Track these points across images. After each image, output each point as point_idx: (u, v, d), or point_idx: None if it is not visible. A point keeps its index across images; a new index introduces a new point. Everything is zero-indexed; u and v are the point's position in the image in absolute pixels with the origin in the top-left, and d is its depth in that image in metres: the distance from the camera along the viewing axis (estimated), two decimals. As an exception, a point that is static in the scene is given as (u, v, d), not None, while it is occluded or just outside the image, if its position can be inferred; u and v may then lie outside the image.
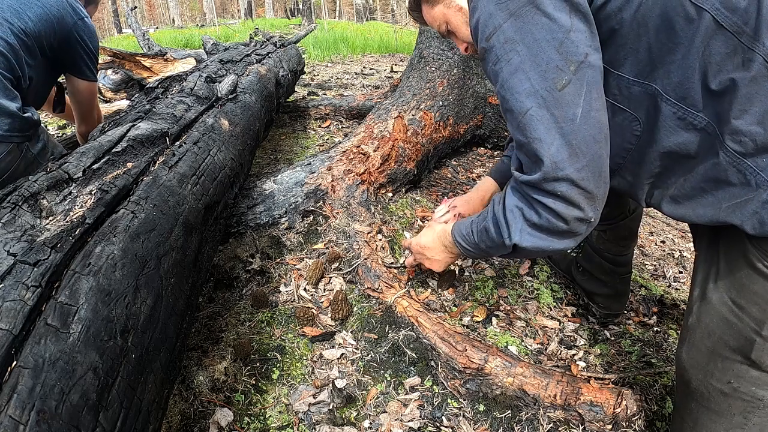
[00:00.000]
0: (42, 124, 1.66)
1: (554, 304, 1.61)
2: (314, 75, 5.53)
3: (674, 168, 0.87)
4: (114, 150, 1.20)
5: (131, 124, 1.37)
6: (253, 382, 1.25)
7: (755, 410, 0.87)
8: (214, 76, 2.05)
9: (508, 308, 1.57)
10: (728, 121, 0.77)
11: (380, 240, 1.76)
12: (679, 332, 1.54)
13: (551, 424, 1.16)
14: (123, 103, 3.25)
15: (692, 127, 0.81)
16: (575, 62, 0.80)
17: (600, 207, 0.90)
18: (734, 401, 0.88)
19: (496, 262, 1.77)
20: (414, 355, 1.32)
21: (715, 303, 0.88)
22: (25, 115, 1.49)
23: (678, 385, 1.00)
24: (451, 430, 1.16)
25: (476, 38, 0.89)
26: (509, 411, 1.19)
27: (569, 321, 1.54)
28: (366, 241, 1.70)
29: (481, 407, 1.21)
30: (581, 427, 1.15)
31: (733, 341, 0.85)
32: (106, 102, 3.70)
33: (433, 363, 1.30)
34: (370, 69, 6.05)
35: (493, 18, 0.84)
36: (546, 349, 1.42)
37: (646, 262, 1.95)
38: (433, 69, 2.65)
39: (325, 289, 1.58)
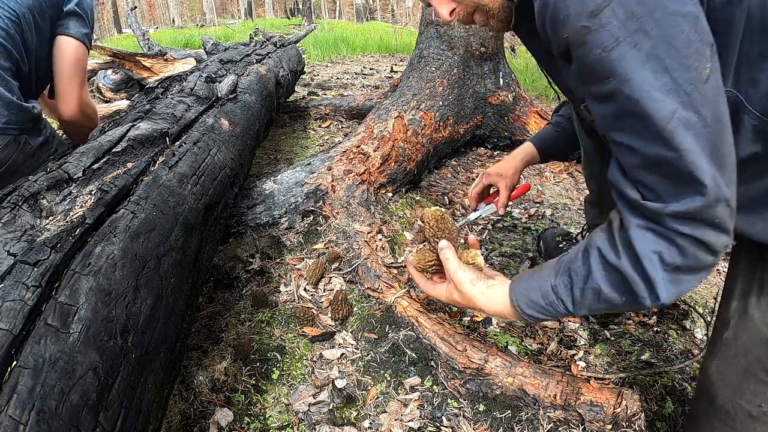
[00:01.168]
0: (46, 119, 1.63)
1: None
2: (314, 75, 5.53)
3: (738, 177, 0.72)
4: (114, 150, 1.20)
5: (131, 124, 1.37)
6: (253, 382, 1.25)
7: None
8: (214, 76, 2.05)
9: (508, 308, 1.57)
10: None
11: (380, 240, 1.76)
12: (678, 332, 1.54)
13: (551, 424, 1.16)
14: (123, 103, 3.25)
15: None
16: (710, 44, 0.62)
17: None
18: (761, 426, 0.83)
19: (496, 262, 1.77)
20: (414, 355, 1.32)
21: (757, 321, 0.81)
22: (26, 105, 1.48)
23: (700, 399, 0.95)
24: (451, 430, 1.16)
25: (560, 16, 0.66)
26: (509, 411, 1.19)
27: (569, 321, 1.54)
28: (366, 241, 1.71)
29: (481, 407, 1.21)
30: (581, 427, 1.15)
31: None
32: (106, 102, 3.70)
33: (433, 363, 1.30)
34: (370, 69, 6.05)
35: None
36: (546, 349, 1.42)
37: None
38: (433, 69, 2.65)
39: (325, 289, 1.58)
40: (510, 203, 1.48)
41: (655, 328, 1.55)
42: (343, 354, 1.35)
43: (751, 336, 0.82)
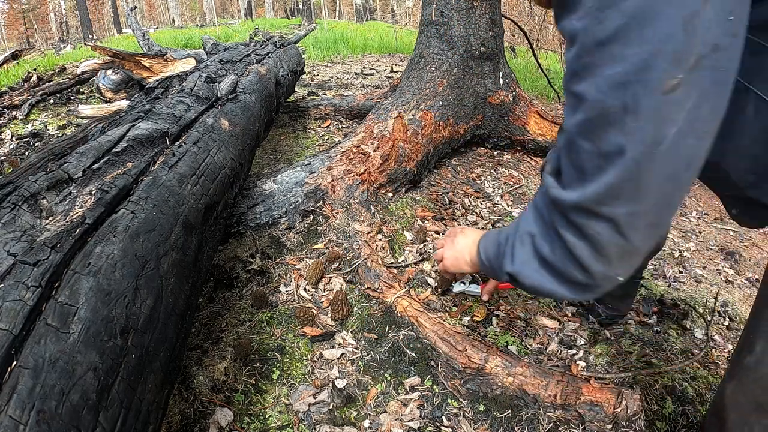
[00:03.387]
0: None
1: (554, 304, 1.61)
2: (314, 75, 5.53)
3: None
4: (114, 150, 1.20)
5: (131, 124, 1.37)
6: (253, 382, 1.25)
7: None
8: (214, 76, 2.05)
9: (508, 308, 1.57)
10: None
11: (380, 240, 1.76)
12: (678, 332, 1.54)
13: (551, 424, 1.16)
14: (123, 103, 3.25)
15: None
16: (697, 54, 0.50)
17: (635, 265, 0.66)
18: None
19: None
20: (414, 355, 1.32)
21: None
22: None
23: (713, 416, 0.90)
24: (451, 430, 1.16)
25: None
26: (509, 411, 1.19)
27: (569, 321, 1.54)
28: (366, 241, 1.70)
29: (481, 407, 1.21)
30: (581, 427, 1.15)
31: None
32: (106, 102, 3.70)
33: (433, 363, 1.30)
34: (370, 69, 6.05)
35: None
36: (546, 349, 1.42)
37: (647, 264, 1.95)
38: (433, 69, 2.65)
39: (325, 289, 1.58)
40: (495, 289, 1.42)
41: (655, 328, 1.55)
42: (343, 354, 1.35)
43: None
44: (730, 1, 0.50)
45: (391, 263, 1.67)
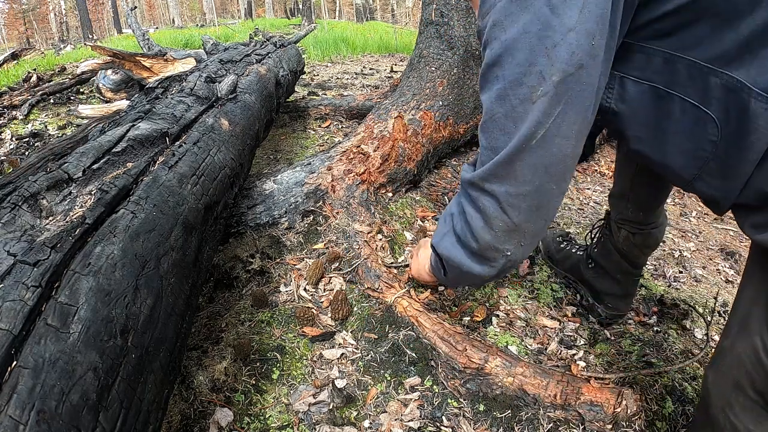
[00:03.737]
0: None
1: (554, 304, 1.61)
2: (314, 75, 5.53)
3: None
4: (114, 150, 1.20)
5: (131, 124, 1.37)
6: (253, 382, 1.25)
7: None
8: (214, 76, 2.05)
9: (508, 308, 1.57)
10: None
11: (380, 240, 1.76)
12: (678, 332, 1.54)
13: (551, 424, 1.16)
14: (123, 103, 3.25)
15: None
16: (562, 72, 0.66)
17: (528, 246, 0.79)
18: None
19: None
20: (414, 355, 1.32)
21: (753, 335, 0.76)
22: None
23: (699, 404, 0.93)
24: (451, 430, 1.16)
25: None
26: (509, 411, 1.19)
27: (569, 321, 1.54)
28: (366, 241, 1.70)
29: (481, 407, 1.21)
30: (581, 427, 1.15)
31: (759, 383, 0.75)
32: (106, 102, 3.70)
33: (433, 363, 1.30)
34: (370, 69, 6.05)
35: None
36: (546, 349, 1.42)
37: (646, 262, 1.95)
38: (433, 69, 2.65)
39: (325, 289, 1.58)
40: None
41: (655, 328, 1.55)
42: (343, 354, 1.35)
43: (745, 349, 0.78)
44: (593, 29, 0.64)
45: (391, 263, 1.67)
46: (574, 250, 1.66)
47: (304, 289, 1.57)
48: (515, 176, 0.73)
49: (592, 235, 1.59)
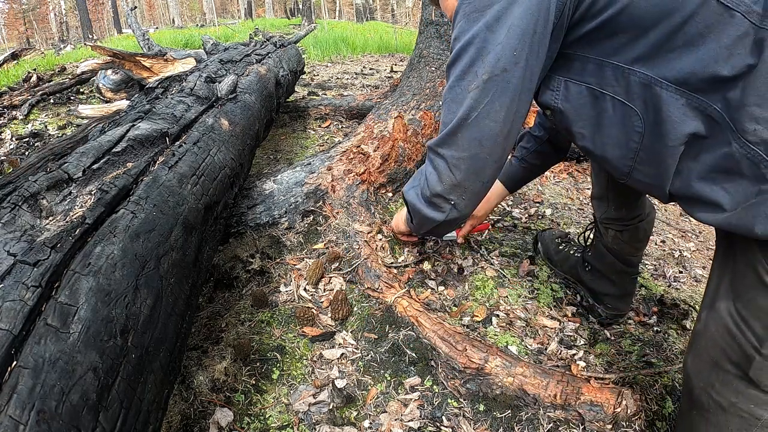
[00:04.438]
0: None
1: (554, 304, 1.61)
2: (314, 75, 5.53)
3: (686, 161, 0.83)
4: (114, 150, 1.20)
5: (131, 124, 1.37)
6: (253, 382, 1.25)
7: (752, 428, 0.83)
8: (214, 76, 2.05)
9: (508, 308, 1.57)
10: (742, 108, 0.73)
11: (380, 240, 1.76)
12: (678, 332, 1.54)
13: (551, 424, 1.16)
14: (123, 103, 3.25)
15: (701, 114, 0.77)
16: (490, 73, 0.88)
17: (469, 200, 1.05)
18: (731, 417, 0.84)
19: (496, 262, 1.77)
20: (414, 355, 1.32)
21: (722, 312, 0.84)
22: None
23: (683, 391, 0.98)
24: (451, 430, 1.16)
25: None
26: (509, 411, 1.19)
27: (569, 321, 1.54)
28: (366, 241, 1.70)
29: (481, 407, 1.21)
30: (581, 427, 1.15)
31: (734, 355, 0.82)
32: (106, 102, 3.70)
33: (433, 363, 1.30)
34: (370, 69, 6.05)
35: (457, 14, 0.93)
36: (546, 349, 1.42)
37: (646, 262, 1.95)
38: (433, 69, 2.65)
39: (325, 289, 1.58)
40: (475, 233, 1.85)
41: (655, 328, 1.55)
42: (343, 354, 1.35)
43: (717, 327, 0.85)
44: (514, 44, 0.85)
45: (391, 263, 1.67)
46: (572, 252, 1.67)
47: (304, 289, 1.57)
48: (457, 144, 0.97)
49: (585, 238, 1.60)
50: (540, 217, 2.18)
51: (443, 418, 1.19)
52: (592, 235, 1.56)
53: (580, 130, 0.94)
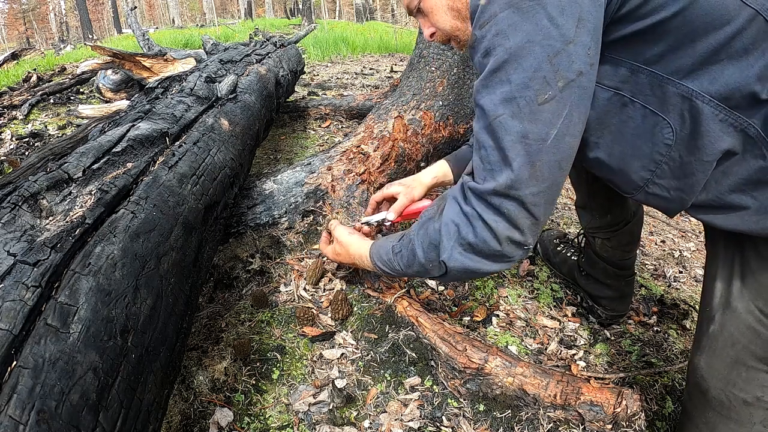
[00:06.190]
0: None
1: (554, 304, 1.61)
2: (314, 75, 5.53)
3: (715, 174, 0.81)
4: (114, 150, 1.20)
5: (131, 124, 1.37)
6: (253, 382, 1.25)
7: None
8: (214, 76, 2.05)
9: (508, 308, 1.58)
10: None
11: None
12: (678, 332, 1.54)
13: (551, 424, 1.16)
14: (123, 103, 3.25)
15: (736, 131, 0.75)
16: (565, 79, 0.74)
17: (539, 233, 0.88)
18: (756, 410, 0.87)
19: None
20: (414, 354, 1.32)
21: (741, 312, 0.85)
22: None
23: (692, 394, 0.99)
24: (451, 430, 1.16)
25: (473, 23, 0.81)
26: (509, 411, 1.19)
27: (569, 321, 1.54)
28: (366, 241, 1.70)
29: (481, 407, 1.21)
30: (581, 427, 1.15)
31: (760, 351, 0.84)
32: (106, 102, 3.70)
33: (433, 363, 1.30)
34: (370, 69, 6.05)
35: (492, 4, 0.75)
36: (546, 349, 1.42)
37: (646, 262, 1.95)
38: (433, 69, 2.65)
39: (325, 289, 1.58)
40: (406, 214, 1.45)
41: (655, 328, 1.55)
42: (343, 354, 1.35)
43: (737, 326, 0.86)
44: (589, 41, 0.73)
45: (391, 263, 1.67)
46: (569, 254, 1.67)
47: (304, 289, 1.57)
48: (536, 176, 0.78)
49: (579, 242, 1.61)
50: (540, 217, 2.17)
51: (443, 418, 1.19)
52: (584, 243, 1.57)
53: (596, 140, 0.86)
